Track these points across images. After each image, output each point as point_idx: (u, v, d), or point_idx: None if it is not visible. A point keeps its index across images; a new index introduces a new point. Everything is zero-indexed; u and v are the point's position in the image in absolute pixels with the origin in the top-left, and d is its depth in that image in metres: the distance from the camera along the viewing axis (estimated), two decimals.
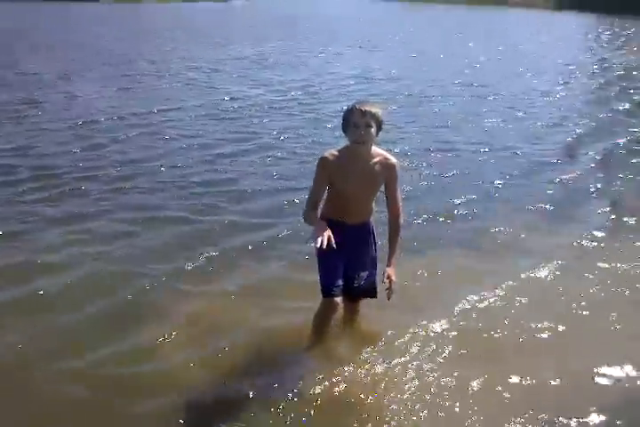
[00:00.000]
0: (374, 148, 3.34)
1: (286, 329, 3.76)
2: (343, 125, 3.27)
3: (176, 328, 3.74)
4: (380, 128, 3.25)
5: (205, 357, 3.49)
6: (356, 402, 3.13)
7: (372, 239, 3.56)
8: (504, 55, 19.53)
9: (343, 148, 3.34)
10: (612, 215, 5.94)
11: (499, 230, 5.42)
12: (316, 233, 3.06)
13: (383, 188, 3.43)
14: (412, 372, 3.36)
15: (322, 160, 3.32)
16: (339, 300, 3.40)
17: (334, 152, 3.33)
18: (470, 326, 3.85)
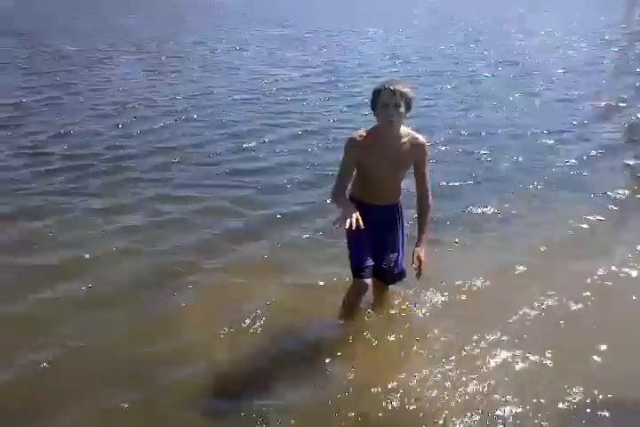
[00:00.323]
0: (403, 127, 3.28)
1: (315, 308, 3.78)
2: (372, 104, 3.22)
3: (202, 305, 3.83)
4: (410, 107, 3.19)
5: (228, 336, 3.52)
6: (380, 387, 3.11)
7: (400, 221, 3.55)
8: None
9: (372, 128, 3.29)
10: None
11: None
12: (344, 215, 3.04)
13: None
14: (440, 358, 3.33)
15: (350, 141, 3.28)
16: (368, 281, 3.41)
17: (362, 133, 3.29)
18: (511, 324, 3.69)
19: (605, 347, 3.43)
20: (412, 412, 2.94)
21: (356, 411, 2.93)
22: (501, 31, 19.08)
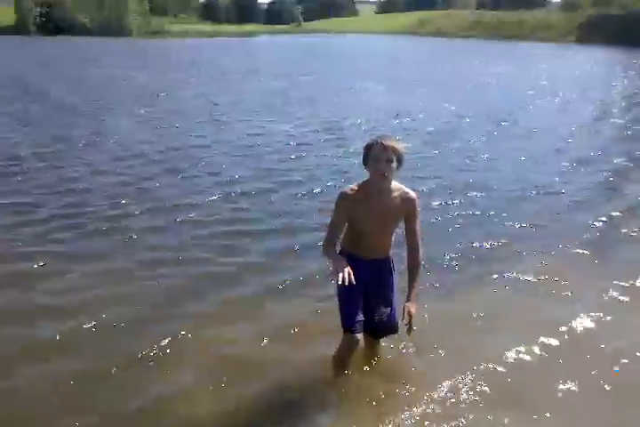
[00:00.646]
0: (394, 182, 3.33)
1: (307, 365, 3.72)
2: (364, 159, 3.28)
3: (198, 371, 3.70)
4: (401, 163, 3.25)
5: (228, 397, 3.43)
6: None
7: (392, 274, 3.54)
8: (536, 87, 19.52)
9: (363, 182, 3.34)
10: None
11: (535, 273, 5.10)
12: (336, 269, 3.05)
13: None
14: (433, 412, 3.28)
15: (342, 195, 3.32)
16: (359, 336, 3.37)
17: (354, 187, 3.33)
18: (495, 374, 3.67)
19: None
20: None
21: None
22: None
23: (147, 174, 8.23)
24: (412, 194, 3.38)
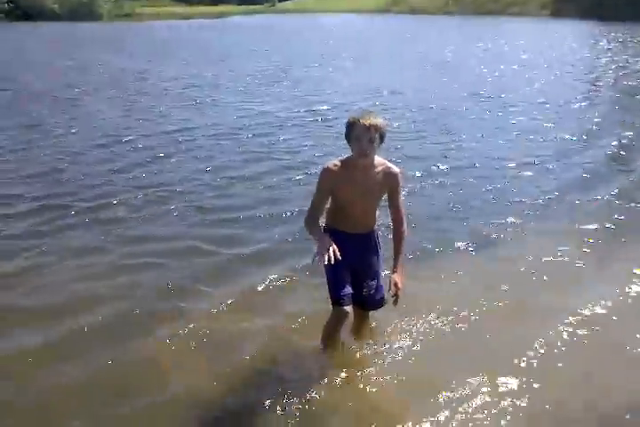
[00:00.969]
0: (377, 157, 3.36)
1: (297, 339, 3.79)
2: (346, 135, 3.30)
3: (185, 342, 3.78)
4: (383, 139, 3.27)
5: (217, 369, 3.52)
6: (363, 412, 3.15)
7: (377, 248, 3.60)
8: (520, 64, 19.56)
9: (346, 158, 3.36)
10: None
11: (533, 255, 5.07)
12: (321, 249, 3.13)
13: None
14: (422, 381, 3.37)
15: (324, 171, 3.35)
16: (348, 309, 3.43)
17: (337, 162, 3.35)
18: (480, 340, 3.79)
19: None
20: None
21: None
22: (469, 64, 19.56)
23: (131, 161, 8.06)
24: (395, 169, 3.42)
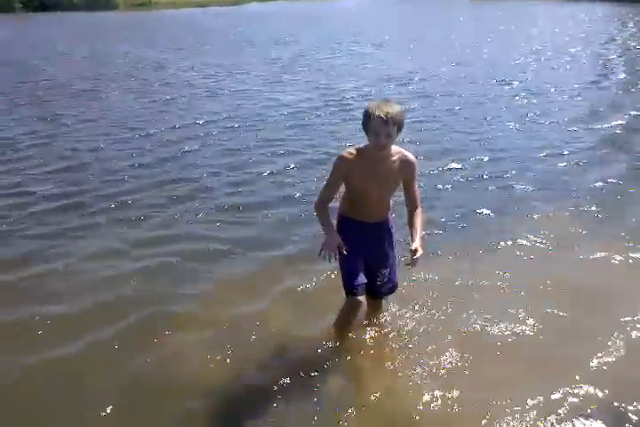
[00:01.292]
0: (393, 146, 3.30)
1: (311, 328, 3.81)
2: (363, 125, 3.23)
3: (200, 332, 3.82)
4: (401, 129, 3.21)
5: (230, 357, 3.56)
6: (376, 402, 3.16)
7: (390, 236, 3.58)
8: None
9: (363, 147, 3.32)
10: None
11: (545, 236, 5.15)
12: (326, 246, 3.20)
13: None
14: (435, 372, 3.37)
15: (340, 159, 3.32)
16: (362, 298, 3.43)
17: (353, 151, 3.31)
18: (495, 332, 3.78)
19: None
20: None
21: None
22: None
23: (153, 156, 7.90)
24: (411, 157, 3.37)
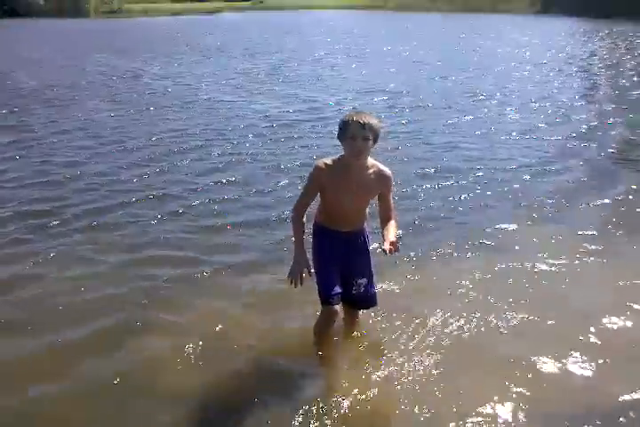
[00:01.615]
0: (369, 158, 3.34)
1: (287, 338, 3.82)
2: (339, 135, 3.28)
3: (179, 341, 3.80)
4: (377, 140, 3.26)
5: (209, 368, 3.54)
6: (356, 410, 3.17)
7: (366, 246, 3.61)
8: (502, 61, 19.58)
9: (338, 157, 3.35)
10: None
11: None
12: (291, 274, 3.27)
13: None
14: (412, 381, 3.38)
15: (315, 168, 3.34)
16: (337, 307, 3.46)
17: (329, 162, 3.34)
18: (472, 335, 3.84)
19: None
20: None
21: None
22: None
23: (121, 164, 7.74)
24: (387, 171, 3.40)
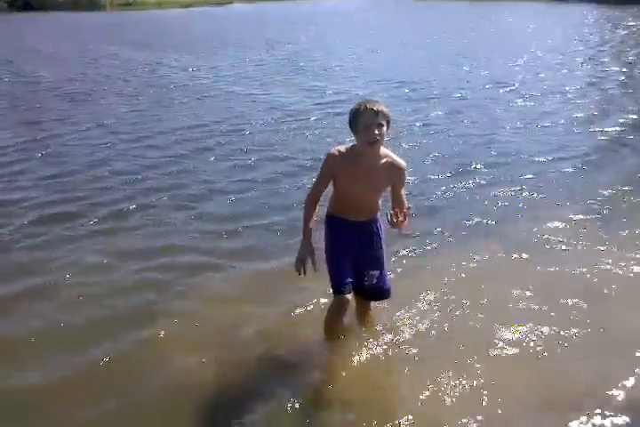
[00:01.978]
0: (382, 148, 3.29)
1: (300, 327, 3.83)
2: (351, 125, 3.23)
3: (186, 328, 3.85)
4: (389, 126, 3.22)
5: (217, 355, 3.57)
6: (364, 400, 3.18)
7: (379, 237, 3.56)
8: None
9: (352, 146, 3.31)
10: None
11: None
12: (296, 262, 3.31)
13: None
14: (423, 369, 3.38)
15: (328, 157, 3.31)
16: (349, 297, 3.44)
17: (342, 150, 3.30)
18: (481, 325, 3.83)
19: None
20: None
21: None
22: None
23: (140, 163, 7.59)
24: (402, 163, 3.35)
